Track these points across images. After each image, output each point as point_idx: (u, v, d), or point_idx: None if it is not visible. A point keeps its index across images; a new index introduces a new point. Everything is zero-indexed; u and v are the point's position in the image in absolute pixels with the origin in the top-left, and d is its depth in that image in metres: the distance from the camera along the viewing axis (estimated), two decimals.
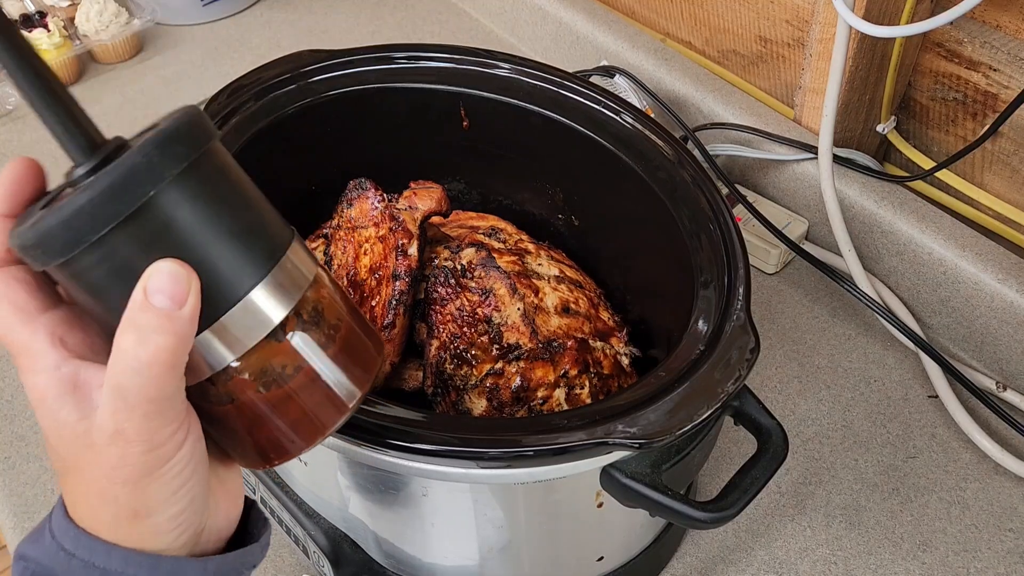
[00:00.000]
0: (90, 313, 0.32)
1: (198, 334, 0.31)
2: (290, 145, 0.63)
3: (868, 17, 0.70)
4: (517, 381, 0.56)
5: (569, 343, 0.57)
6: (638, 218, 0.62)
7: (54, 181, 0.33)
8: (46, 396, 0.31)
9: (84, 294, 0.31)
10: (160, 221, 0.29)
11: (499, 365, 0.57)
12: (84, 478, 0.31)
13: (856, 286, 0.74)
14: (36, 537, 0.33)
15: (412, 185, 0.65)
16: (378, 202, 0.62)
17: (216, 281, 0.31)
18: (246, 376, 0.32)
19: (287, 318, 0.32)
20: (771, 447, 0.48)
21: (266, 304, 0.32)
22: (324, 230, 0.67)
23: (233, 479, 0.37)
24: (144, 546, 0.32)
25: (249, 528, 0.38)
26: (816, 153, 0.78)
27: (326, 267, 0.37)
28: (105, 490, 0.31)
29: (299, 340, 0.33)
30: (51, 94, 0.29)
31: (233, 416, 0.33)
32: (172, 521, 0.32)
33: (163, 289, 0.29)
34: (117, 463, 0.30)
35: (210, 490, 0.34)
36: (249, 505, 0.39)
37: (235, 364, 0.32)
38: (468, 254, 0.61)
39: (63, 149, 0.30)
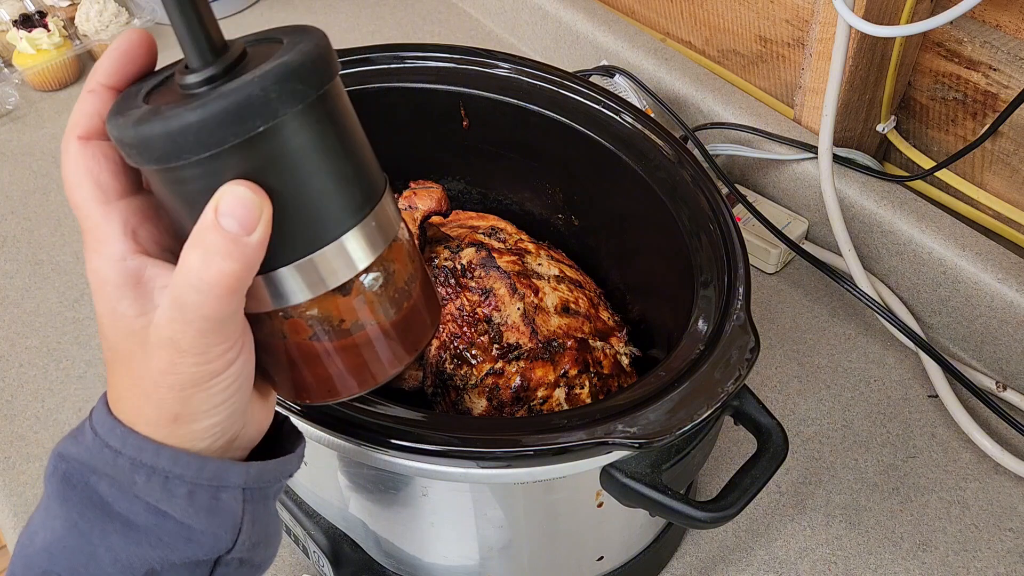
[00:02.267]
0: (169, 213, 0.31)
1: (275, 269, 0.30)
2: None
3: (868, 17, 0.70)
4: (517, 381, 0.56)
5: (569, 343, 0.57)
6: (638, 218, 0.62)
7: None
8: (106, 284, 0.31)
9: (169, 198, 0.30)
10: (263, 153, 0.29)
11: (499, 365, 0.57)
12: (132, 373, 0.32)
13: (856, 286, 0.74)
14: (75, 435, 0.34)
15: (412, 185, 0.65)
16: None
17: (305, 221, 0.30)
18: (304, 320, 0.32)
19: (359, 273, 0.32)
20: (771, 447, 0.48)
21: (345, 255, 0.31)
22: None
23: (270, 393, 0.37)
24: (178, 446, 0.33)
25: (282, 441, 0.39)
26: (816, 153, 0.78)
27: (405, 222, 0.35)
28: (151, 391, 0.31)
29: (363, 299, 0.32)
30: None
31: (280, 350, 0.33)
32: (210, 429, 0.33)
33: (233, 213, 0.28)
34: (167, 368, 0.31)
35: (249, 403, 0.35)
36: (282, 420, 0.40)
37: (297, 307, 0.32)
38: (468, 254, 0.61)
39: (182, 48, 0.29)
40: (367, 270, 0.32)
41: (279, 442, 0.39)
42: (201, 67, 0.29)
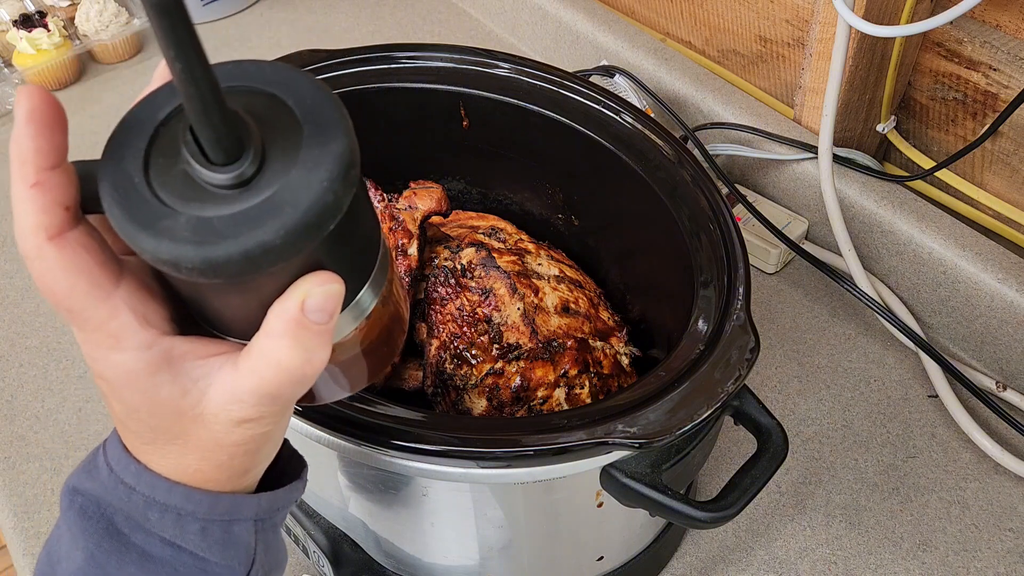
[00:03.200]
0: (204, 304, 0.30)
1: None
2: None
3: (868, 17, 0.70)
4: (517, 381, 0.56)
5: (569, 343, 0.57)
6: (638, 218, 0.62)
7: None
8: (137, 376, 0.30)
9: (218, 299, 0.29)
10: (328, 243, 0.28)
11: (499, 365, 0.57)
12: (186, 445, 0.32)
13: (856, 286, 0.74)
14: (89, 470, 0.34)
15: (412, 185, 0.65)
16: (378, 202, 0.62)
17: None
18: None
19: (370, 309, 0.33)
20: (771, 447, 0.48)
21: (359, 309, 0.32)
22: None
23: None
24: (211, 486, 0.33)
25: (283, 466, 0.39)
26: (816, 153, 0.78)
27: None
28: (218, 457, 0.32)
29: (356, 336, 0.33)
30: (209, 82, 0.24)
31: None
32: (248, 468, 0.34)
33: (324, 308, 0.28)
34: (242, 440, 0.31)
35: None
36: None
37: None
38: (468, 254, 0.61)
39: (205, 143, 0.26)
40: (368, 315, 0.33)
41: (276, 465, 0.39)
42: (228, 163, 0.26)
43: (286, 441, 0.40)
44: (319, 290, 0.28)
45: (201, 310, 0.31)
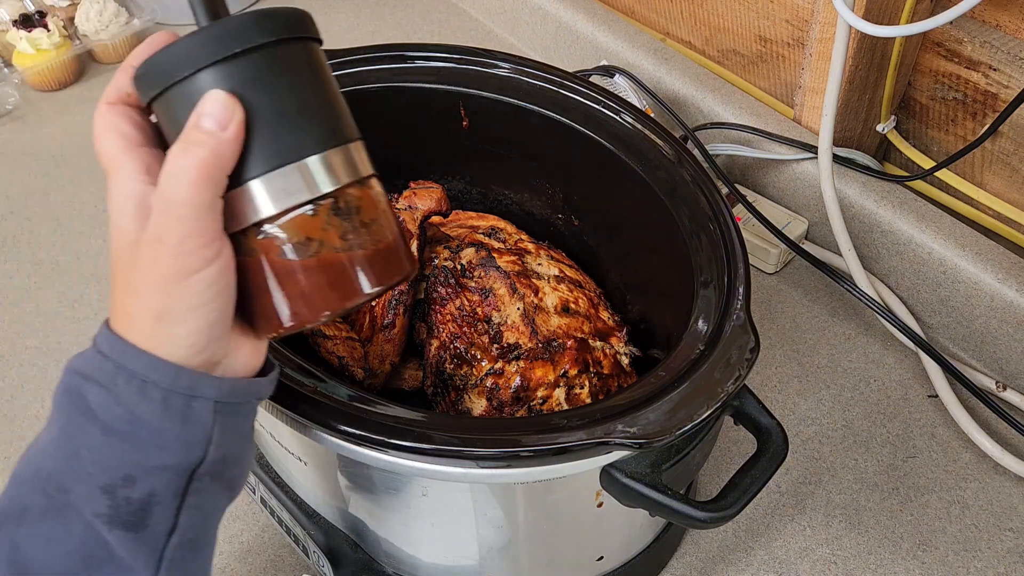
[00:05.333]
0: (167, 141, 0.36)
1: (248, 180, 0.35)
2: None
3: (868, 17, 0.70)
4: (517, 381, 0.56)
5: (569, 343, 0.57)
6: (638, 218, 0.62)
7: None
8: (114, 204, 0.36)
9: (171, 129, 0.35)
10: (239, 74, 0.34)
11: (499, 365, 0.57)
12: (127, 279, 0.36)
13: (856, 286, 0.74)
14: (82, 352, 0.38)
15: (412, 185, 0.65)
16: None
17: (274, 140, 0.35)
18: (274, 238, 0.36)
19: (323, 197, 0.36)
20: (771, 447, 0.48)
21: (310, 177, 0.35)
22: None
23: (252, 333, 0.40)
24: (161, 352, 0.36)
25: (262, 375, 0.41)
26: (816, 153, 0.78)
27: (380, 182, 0.40)
28: (139, 288, 0.35)
29: (327, 221, 0.36)
30: None
31: (254, 272, 0.37)
32: (189, 336, 0.36)
33: (212, 113, 0.34)
34: (151, 262, 0.35)
35: (235, 333, 0.38)
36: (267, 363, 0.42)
37: (267, 220, 0.35)
38: (468, 254, 0.61)
39: (193, 14, 0.36)
40: (330, 196, 0.36)
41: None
42: (206, 24, 0.36)
43: (268, 358, 0.42)
44: (209, 96, 0.34)
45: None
